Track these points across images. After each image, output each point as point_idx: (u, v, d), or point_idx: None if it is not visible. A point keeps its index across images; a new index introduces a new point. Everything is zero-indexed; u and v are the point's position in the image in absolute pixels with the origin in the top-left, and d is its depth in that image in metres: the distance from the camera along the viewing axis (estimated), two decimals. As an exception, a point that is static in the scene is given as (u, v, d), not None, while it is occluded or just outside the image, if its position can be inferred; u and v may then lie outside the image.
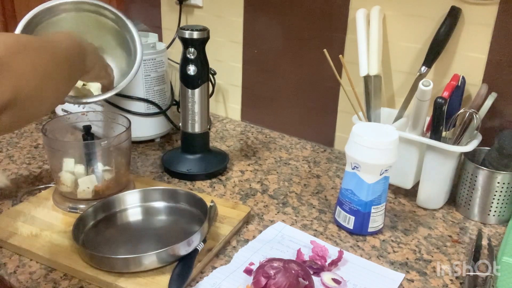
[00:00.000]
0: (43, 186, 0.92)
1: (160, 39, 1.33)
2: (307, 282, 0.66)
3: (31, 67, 0.53)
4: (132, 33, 0.92)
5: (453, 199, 0.92)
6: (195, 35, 0.92)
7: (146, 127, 1.11)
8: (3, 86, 0.48)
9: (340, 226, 0.84)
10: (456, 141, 0.87)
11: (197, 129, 0.99)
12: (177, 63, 1.13)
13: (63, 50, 0.62)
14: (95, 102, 0.93)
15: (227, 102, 1.31)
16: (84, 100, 0.84)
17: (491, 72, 0.91)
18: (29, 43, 0.55)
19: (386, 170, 0.77)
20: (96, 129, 0.89)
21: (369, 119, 0.98)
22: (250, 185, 0.97)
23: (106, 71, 0.81)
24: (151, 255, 0.67)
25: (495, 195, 0.84)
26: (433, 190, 0.90)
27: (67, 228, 0.77)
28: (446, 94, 0.84)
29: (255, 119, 1.28)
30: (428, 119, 0.91)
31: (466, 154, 0.88)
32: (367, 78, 0.97)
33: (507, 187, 0.84)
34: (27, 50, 0.53)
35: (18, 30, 0.83)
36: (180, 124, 1.01)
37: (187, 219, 0.81)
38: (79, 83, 0.85)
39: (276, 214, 0.87)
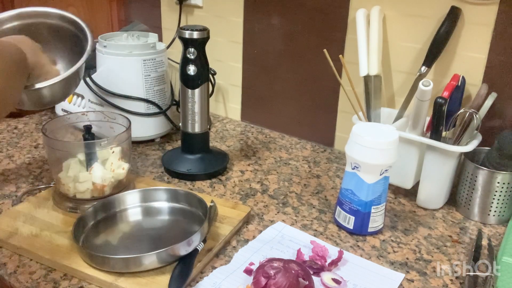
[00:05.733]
0: (43, 186, 0.91)
1: (160, 39, 1.33)
2: (307, 282, 0.66)
3: None
4: (85, 32, 0.90)
5: (453, 199, 0.92)
6: (195, 35, 0.92)
7: (146, 127, 1.11)
8: None
9: (340, 226, 0.84)
10: (456, 141, 0.87)
11: (197, 129, 0.99)
12: (177, 63, 1.13)
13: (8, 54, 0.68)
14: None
15: (227, 102, 1.31)
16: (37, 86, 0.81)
17: (491, 72, 0.91)
18: None
19: (386, 170, 0.77)
20: (96, 129, 0.89)
21: (369, 119, 0.98)
22: (250, 185, 0.97)
23: (49, 68, 0.82)
24: (151, 255, 0.67)
25: (495, 195, 0.84)
26: (433, 190, 0.90)
27: (67, 228, 0.77)
28: (446, 94, 0.84)
29: (255, 119, 1.28)
30: (428, 119, 0.91)
31: (466, 154, 0.88)
32: (367, 78, 0.97)
33: (507, 187, 0.84)
34: None
35: None
36: (180, 124, 1.01)
37: (187, 219, 0.81)
38: None
39: (276, 214, 0.87)
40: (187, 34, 0.92)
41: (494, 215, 0.86)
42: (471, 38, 0.92)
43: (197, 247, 0.70)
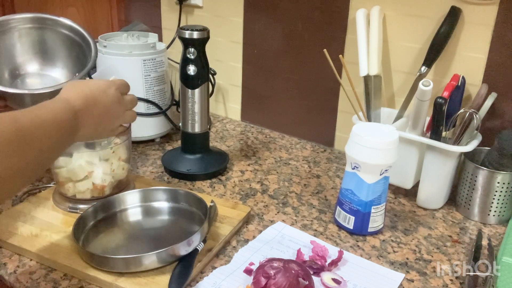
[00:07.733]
0: (43, 186, 0.91)
1: (160, 39, 1.33)
2: (307, 282, 0.66)
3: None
4: (88, 41, 0.93)
5: (453, 199, 0.92)
6: (195, 35, 0.92)
7: (146, 127, 1.11)
8: None
9: (340, 226, 0.84)
10: (456, 141, 0.87)
11: (197, 129, 0.99)
12: (177, 63, 1.14)
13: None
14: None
15: (227, 102, 1.31)
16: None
17: (491, 72, 0.91)
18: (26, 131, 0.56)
19: (386, 170, 0.77)
20: (96, 129, 0.89)
21: (369, 119, 0.98)
22: (250, 185, 0.97)
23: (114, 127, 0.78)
24: (151, 255, 0.67)
25: (495, 195, 0.84)
26: (433, 190, 0.90)
27: (67, 228, 0.77)
28: (446, 94, 0.84)
29: (255, 119, 1.28)
30: (428, 119, 0.91)
31: (466, 154, 0.88)
32: (367, 78, 0.97)
33: (507, 187, 0.84)
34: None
35: None
36: (180, 124, 1.01)
37: (187, 219, 0.81)
38: None
39: (276, 214, 0.87)
40: (187, 34, 0.92)
41: (494, 215, 0.86)
42: (471, 38, 0.92)
43: (197, 247, 0.70)
